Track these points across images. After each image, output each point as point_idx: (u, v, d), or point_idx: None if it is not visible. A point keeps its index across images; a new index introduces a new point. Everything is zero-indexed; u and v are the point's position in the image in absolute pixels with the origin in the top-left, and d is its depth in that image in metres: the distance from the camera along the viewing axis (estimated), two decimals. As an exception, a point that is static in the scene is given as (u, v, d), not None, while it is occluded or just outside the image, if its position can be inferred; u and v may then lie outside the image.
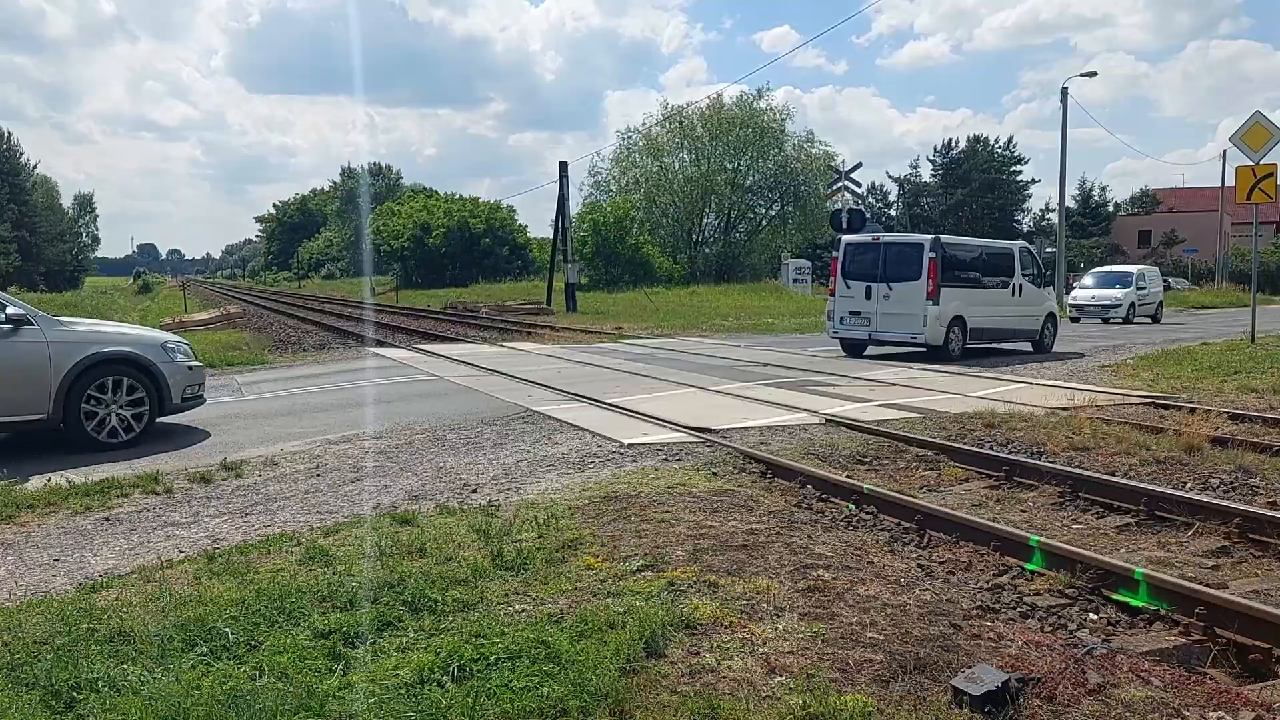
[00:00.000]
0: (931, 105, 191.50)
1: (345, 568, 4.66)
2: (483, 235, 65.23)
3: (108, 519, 6.09)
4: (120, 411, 8.39)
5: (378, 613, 4.01)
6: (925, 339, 15.18)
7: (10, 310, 8.02)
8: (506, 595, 4.29)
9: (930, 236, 15.85)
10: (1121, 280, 28.58)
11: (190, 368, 9.05)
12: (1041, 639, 3.97)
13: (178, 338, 9.50)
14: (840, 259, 16.26)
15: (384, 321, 30.20)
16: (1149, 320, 28.24)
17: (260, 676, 3.47)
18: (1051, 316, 17.59)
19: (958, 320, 15.47)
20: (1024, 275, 16.96)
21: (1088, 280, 29.97)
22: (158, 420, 8.74)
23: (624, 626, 3.80)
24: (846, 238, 17.28)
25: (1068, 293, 31.31)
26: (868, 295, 15.60)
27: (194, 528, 5.89)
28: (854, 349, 16.27)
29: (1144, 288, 28.58)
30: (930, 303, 15.00)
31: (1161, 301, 29.54)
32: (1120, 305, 27.33)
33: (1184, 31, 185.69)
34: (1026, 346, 17.26)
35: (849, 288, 15.95)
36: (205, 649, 3.70)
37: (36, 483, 6.90)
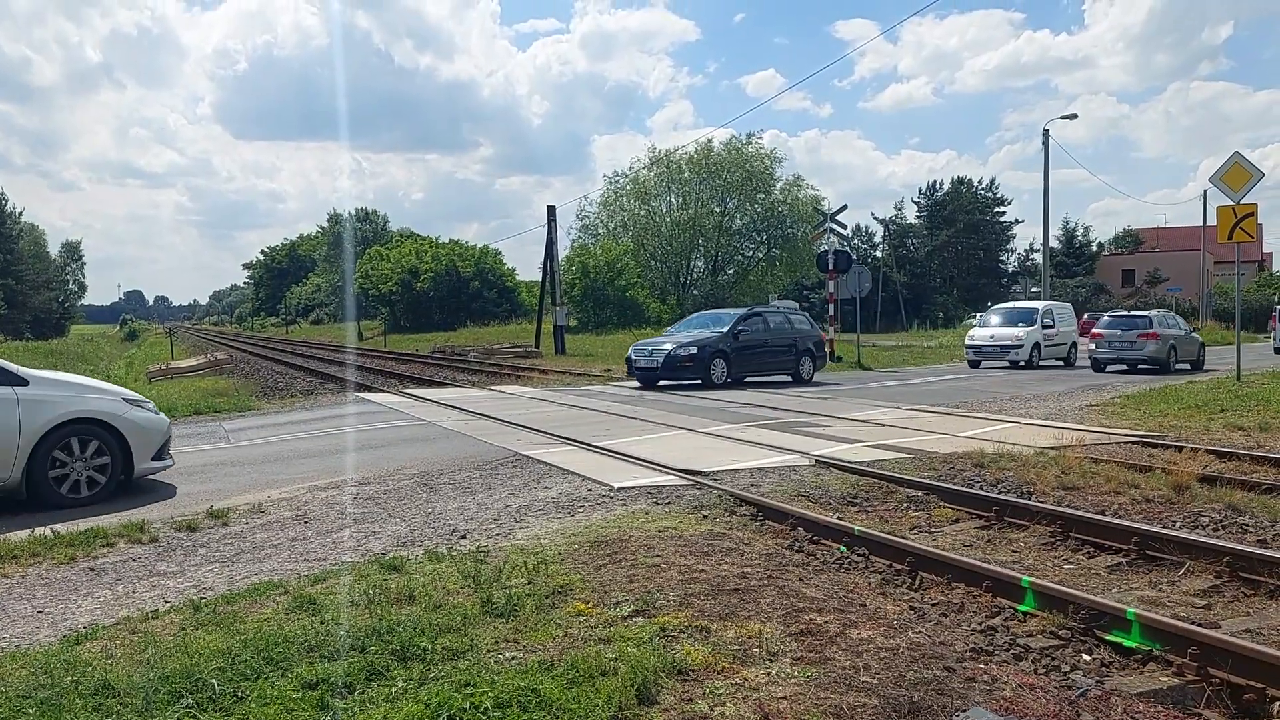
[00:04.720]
0: (915, 147, 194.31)
1: (333, 616, 4.61)
2: (472, 279, 65.38)
3: (93, 569, 6.01)
4: None
5: (366, 662, 3.96)
6: None
7: None
8: (496, 643, 4.25)
9: None
10: (1025, 317, 25.45)
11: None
12: (1035, 681, 3.95)
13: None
14: (1276, 315, 32.65)
15: (372, 366, 30.16)
16: (1060, 363, 25.75)
17: (247, 729, 3.41)
18: None
19: None
20: None
21: (992, 318, 26.75)
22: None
23: (615, 673, 3.76)
24: (1279, 308, 34.98)
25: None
26: None
27: (180, 577, 5.82)
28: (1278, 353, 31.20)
29: (1050, 325, 25.55)
30: None
31: (1075, 343, 26.71)
32: (1023, 345, 24.42)
33: (1164, 73, 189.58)
34: None
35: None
36: (191, 701, 3.64)
37: (20, 534, 6.82)
